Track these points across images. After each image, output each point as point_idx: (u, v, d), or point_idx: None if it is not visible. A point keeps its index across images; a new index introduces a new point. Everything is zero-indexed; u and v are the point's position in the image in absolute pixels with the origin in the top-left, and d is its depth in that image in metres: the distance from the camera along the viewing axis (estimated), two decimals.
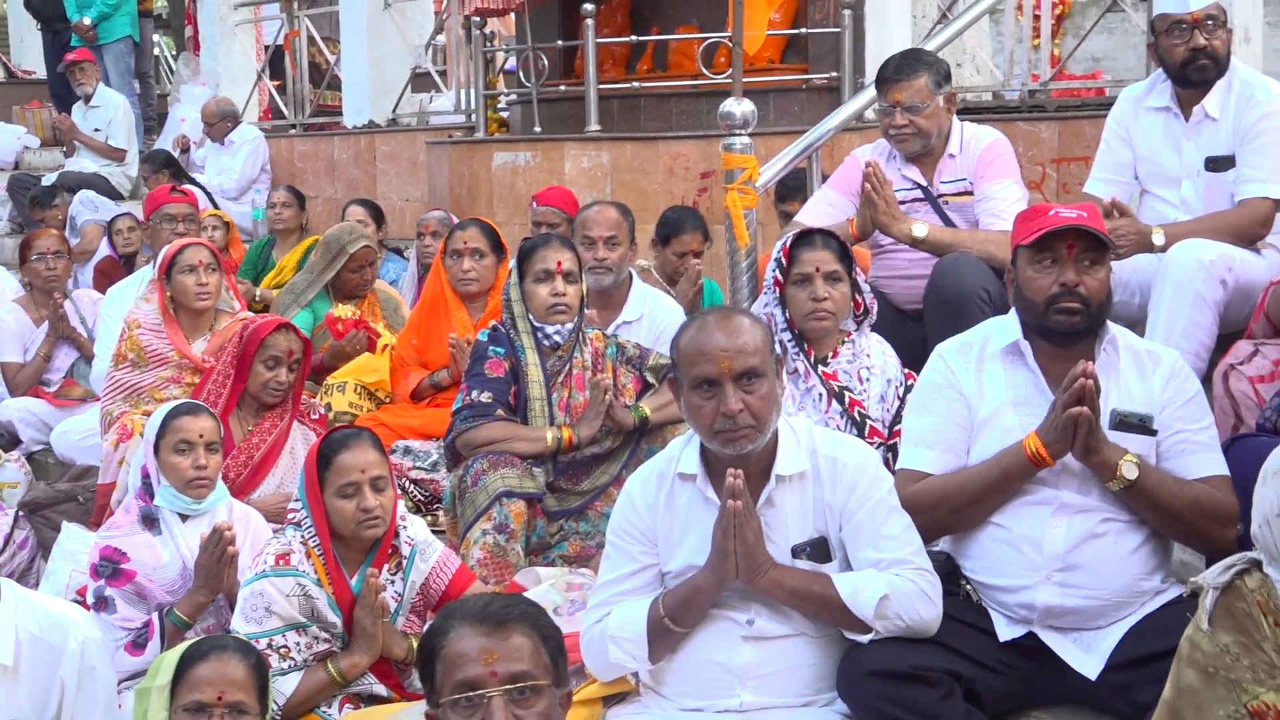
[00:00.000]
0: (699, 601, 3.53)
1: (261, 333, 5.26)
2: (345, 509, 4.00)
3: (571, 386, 5.02)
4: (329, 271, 6.77)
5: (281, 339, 5.28)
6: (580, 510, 4.99)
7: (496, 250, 6.10)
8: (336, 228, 7.11)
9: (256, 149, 11.13)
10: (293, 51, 12.06)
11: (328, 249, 6.84)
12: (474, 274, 6.05)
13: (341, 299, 6.80)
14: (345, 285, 6.79)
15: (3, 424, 7.27)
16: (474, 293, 6.07)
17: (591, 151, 7.93)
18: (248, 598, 4.01)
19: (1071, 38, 10.47)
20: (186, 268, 5.86)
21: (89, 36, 12.13)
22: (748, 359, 3.49)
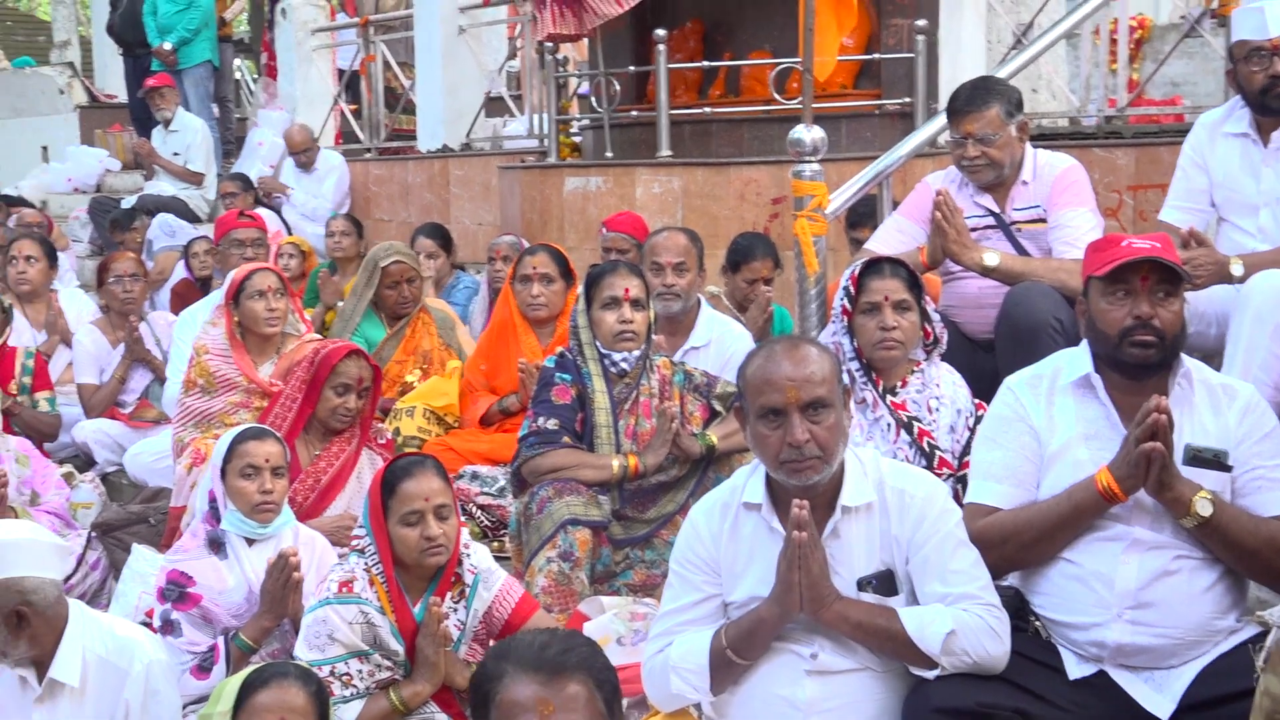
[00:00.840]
0: (762, 633, 3.49)
1: (333, 359, 5.28)
2: (409, 537, 4.00)
3: (638, 414, 5.00)
4: (369, 290, 6.81)
5: (353, 366, 5.31)
6: (646, 539, 4.96)
7: (565, 276, 6.10)
8: (375, 247, 7.15)
9: (342, 175, 11.26)
10: (368, 76, 12.16)
11: (365, 268, 6.91)
12: (542, 299, 6.05)
13: (388, 318, 6.82)
14: (385, 303, 6.81)
15: (78, 445, 7.35)
16: (543, 318, 6.08)
17: (663, 177, 7.92)
18: (311, 625, 4.01)
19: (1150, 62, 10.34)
20: (255, 293, 5.91)
21: (169, 61, 12.28)
22: (815, 389, 3.45)
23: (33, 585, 3.92)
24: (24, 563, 3.93)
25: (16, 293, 7.99)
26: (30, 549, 3.98)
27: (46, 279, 8.15)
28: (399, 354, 6.80)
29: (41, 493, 6.22)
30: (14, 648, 3.91)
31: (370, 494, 4.09)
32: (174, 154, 11.71)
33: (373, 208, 11.40)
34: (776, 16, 8.19)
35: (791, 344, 3.57)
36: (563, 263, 6.13)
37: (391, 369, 6.71)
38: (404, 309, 6.79)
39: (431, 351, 6.77)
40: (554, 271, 6.09)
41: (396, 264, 6.79)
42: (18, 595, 3.88)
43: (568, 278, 6.12)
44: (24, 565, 3.93)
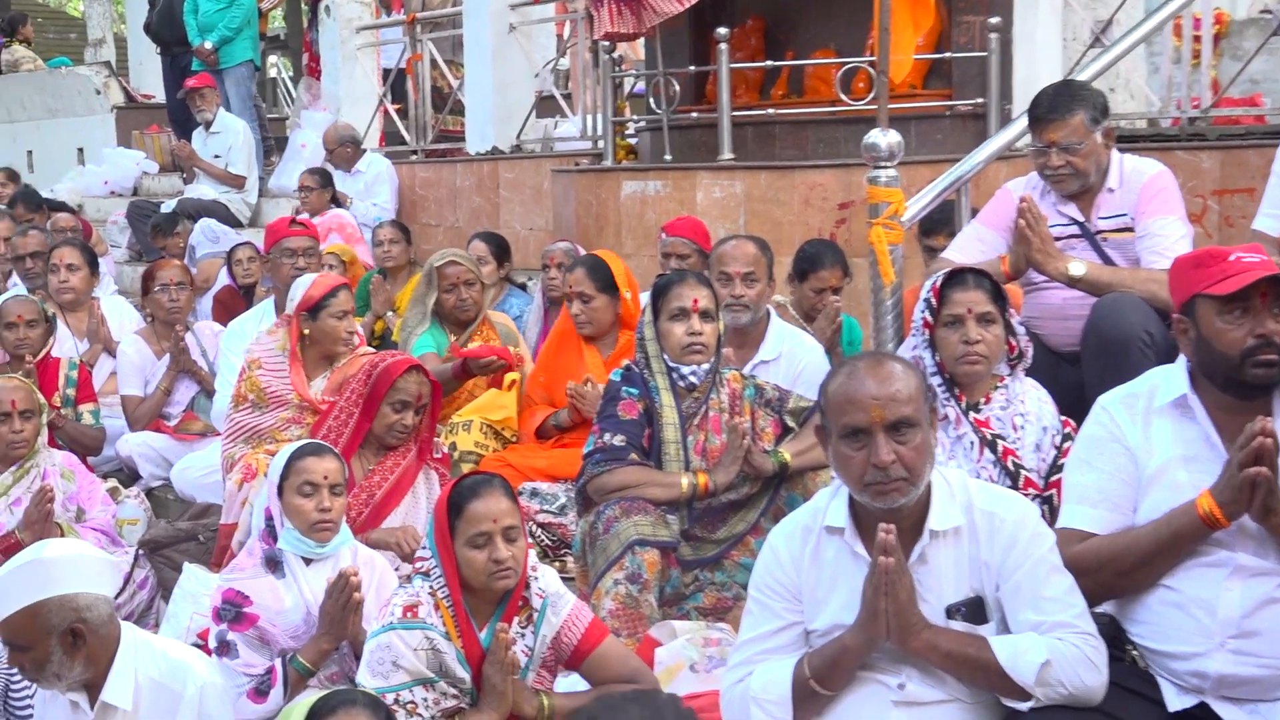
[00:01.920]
0: (847, 663, 3.48)
1: (393, 374, 5.31)
2: (476, 560, 4.00)
3: (708, 430, 5.00)
4: (430, 295, 6.84)
5: (412, 382, 5.34)
6: (716, 560, 4.97)
7: (608, 289, 6.11)
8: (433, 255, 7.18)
9: (393, 178, 11.28)
10: (414, 75, 12.20)
11: (424, 273, 6.93)
12: (583, 317, 6.12)
13: (453, 327, 6.83)
14: (444, 308, 6.84)
15: (122, 459, 7.39)
16: (590, 335, 6.11)
17: (724, 181, 7.91)
18: (374, 650, 4.01)
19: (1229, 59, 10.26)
20: (340, 312, 5.99)
21: (210, 61, 12.36)
22: (900, 408, 3.44)
23: (87, 602, 3.96)
24: (77, 579, 3.97)
25: (59, 302, 8.05)
26: (83, 564, 4.02)
27: (89, 286, 8.22)
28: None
29: (87, 509, 6.26)
30: (69, 669, 3.94)
31: (436, 514, 4.10)
32: (214, 156, 11.79)
33: (419, 212, 11.44)
34: (841, 14, 8.18)
35: (876, 360, 3.56)
36: (602, 276, 6.14)
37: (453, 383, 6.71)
38: (465, 314, 6.79)
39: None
40: (591, 288, 6.12)
41: (453, 265, 6.81)
42: (73, 613, 3.91)
43: (611, 290, 6.12)
44: (77, 581, 3.97)
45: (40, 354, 7.10)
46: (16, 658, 3.98)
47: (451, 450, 6.05)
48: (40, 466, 6.16)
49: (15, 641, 3.93)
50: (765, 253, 5.84)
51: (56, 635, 3.91)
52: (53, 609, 3.89)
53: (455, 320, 6.81)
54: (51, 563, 3.96)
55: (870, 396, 3.45)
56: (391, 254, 8.99)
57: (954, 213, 6.13)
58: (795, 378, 5.58)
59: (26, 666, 3.96)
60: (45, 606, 3.89)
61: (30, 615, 3.88)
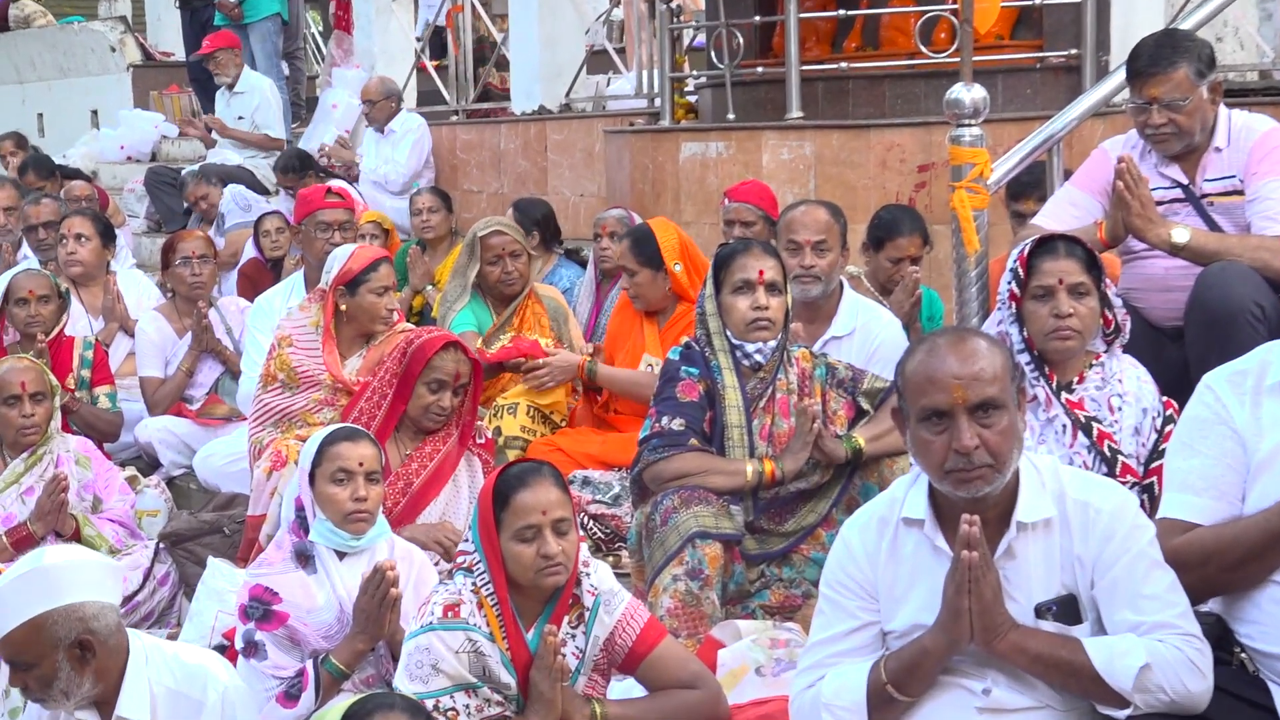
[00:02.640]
0: (927, 666, 3.48)
1: (427, 352, 5.32)
2: (524, 555, 4.01)
3: (774, 412, 5.01)
4: (472, 268, 6.86)
5: (449, 360, 5.35)
6: (784, 554, 4.98)
7: (651, 263, 6.15)
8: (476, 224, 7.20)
9: (421, 139, 11.29)
10: (455, 29, 12.21)
11: (466, 244, 6.95)
12: (632, 290, 6.23)
13: (496, 302, 6.86)
14: (487, 281, 6.86)
15: (141, 445, 7.47)
16: (642, 310, 6.14)
17: (793, 141, 7.89)
18: (412, 653, 4.03)
19: None
20: (381, 288, 6.01)
21: (234, 15, 12.42)
22: (985, 388, 3.44)
23: (94, 611, 3.94)
24: (81, 586, 3.96)
25: (69, 275, 8.13)
26: (86, 570, 4.02)
27: (100, 259, 8.29)
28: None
29: (104, 498, 6.33)
30: (78, 685, 3.92)
31: (480, 506, 4.11)
32: (238, 118, 11.85)
33: (460, 177, 11.47)
34: None
35: (958, 337, 3.55)
36: (646, 250, 6.17)
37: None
38: (509, 287, 6.82)
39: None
40: (633, 262, 6.17)
41: (497, 235, 6.84)
42: (79, 623, 3.90)
43: (655, 264, 6.15)
44: (81, 589, 3.96)
45: (53, 332, 7.14)
46: (19, 677, 3.94)
47: (496, 435, 6.08)
48: (54, 453, 6.23)
49: (18, 659, 3.91)
50: (837, 219, 5.84)
51: (63, 649, 3.89)
52: (58, 620, 3.87)
53: (499, 295, 6.84)
54: (53, 570, 3.93)
55: (952, 375, 3.44)
56: (430, 224, 9.03)
57: (1045, 175, 6.09)
58: (870, 355, 5.57)
59: (31, 686, 3.93)
60: (50, 618, 3.86)
61: (34, 629, 3.86)
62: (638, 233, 6.31)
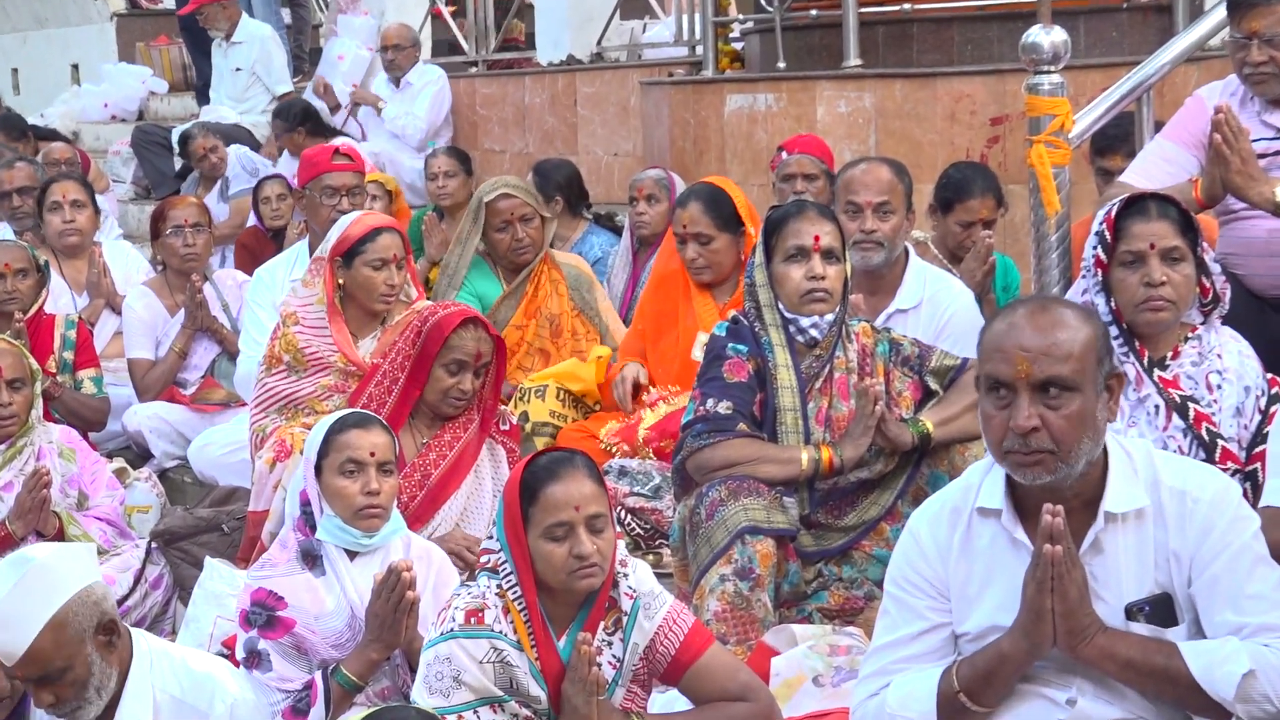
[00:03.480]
0: (1005, 673, 3.48)
1: (444, 329, 5.31)
2: (554, 555, 4.00)
3: (832, 394, 5.00)
4: (475, 235, 6.87)
5: (469, 339, 5.33)
6: (843, 551, 4.98)
7: (729, 226, 6.09)
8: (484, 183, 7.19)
9: (441, 91, 11.30)
10: None
11: (469, 209, 6.94)
12: (701, 262, 6.10)
13: (507, 271, 6.85)
14: (498, 250, 6.85)
15: (130, 434, 7.50)
16: (707, 281, 6.11)
17: (851, 92, 7.89)
18: (432, 663, 4.03)
19: None
20: (378, 261, 5.92)
21: None
22: (1054, 365, 3.42)
23: (101, 593, 4.06)
24: (79, 570, 4.04)
25: (59, 247, 8.15)
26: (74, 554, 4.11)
27: (95, 229, 8.32)
28: (519, 316, 6.86)
29: (90, 494, 6.32)
30: (109, 676, 4.01)
31: (505, 500, 4.11)
32: (236, 69, 11.86)
33: (481, 135, 11.49)
34: None
35: (1041, 306, 3.54)
36: (723, 211, 6.14)
37: (510, 334, 6.75)
38: (521, 256, 6.82)
39: (560, 317, 6.81)
40: (710, 226, 6.11)
41: (505, 199, 6.82)
42: (95, 607, 4.00)
43: (734, 226, 6.11)
44: (80, 572, 4.04)
45: (31, 310, 7.12)
46: (49, 691, 3.98)
47: (522, 421, 6.08)
48: (34, 445, 6.21)
49: (50, 668, 3.95)
50: (902, 179, 5.82)
51: (90, 639, 3.99)
52: (77, 610, 3.97)
53: (511, 264, 6.83)
54: (48, 564, 4.01)
55: (1019, 346, 3.44)
56: (447, 189, 9.02)
57: (1133, 127, 6.07)
58: (939, 330, 5.56)
59: (66, 695, 3.99)
60: (69, 611, 3.95)
61: (58, 628, 3.93)
62: (710, 192, 6.24)
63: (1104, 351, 3.52)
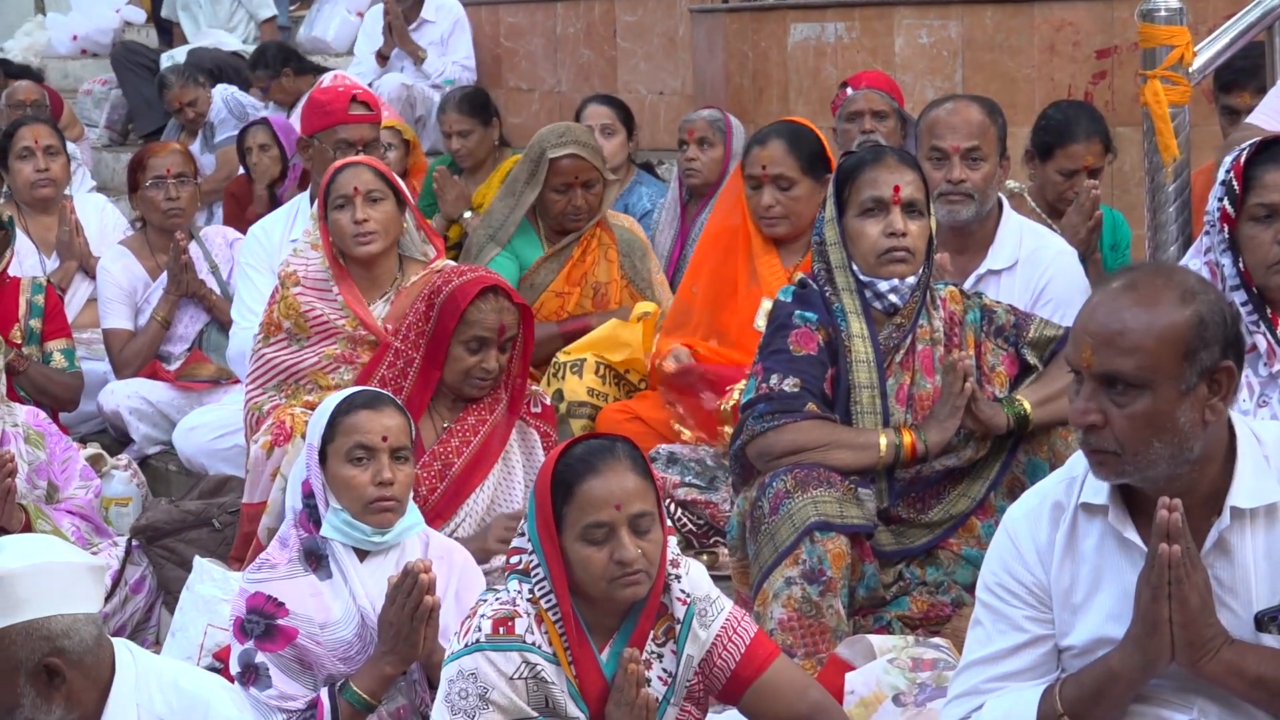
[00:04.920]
0: (1115, 693, 3.49)
1: (460, 302, 5.31)
2: (593, 560, 3.99)
3: (915, 368, 5.00)
4: (531, 189, 6.84)
5: (489, 311, 5.34)
6: (928, 550, 4.98)
7: (813, 170, 6.06)
8: (544, 129, 7.16)
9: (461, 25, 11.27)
10: None
11: (528, 157, 6.89)
12: (778, 210, 6.06)
13: (553, 232, 6.85)
14: (549, 210, 6.85)
15: (107, 415, 7.53)
16: (782, 235, 6.08)
17: (933, 20, 7.88)
18: (455, 679, 4.02)
19: None
20: (340, 199, 5.94)
21: None
22: (1116, 358, 3.39)
23: (62, 627, 3.98)
24: (46, 597, 4.00)
25: (28, 200, 8.20)
26: (54, 576, 4.03)
27: (67, 179, 8.34)
28: (560, 282, 6.85)
29: (61, 485, 6.35)
30: (46, 714, 3.99)
31: (537, 496, 4.09)
32: None
33: (506, 72, 11.49)
34: None
35: (1131, 283, 3.48)
36: (810, 154, 6.11)
37: (549, 301, 6.79)
38: (574, 222, 6.82)
39: (608, 285, 6.79)
40: (794, 168, 6.07)
41: (573, 158, 6.80)
42: (44, 643, 3.93)
43: (816, 171, 6.09)
44: (46, 599, 3.99)
45: None
46: None
47: (556, 401, 6.09)
48: None
49: None
50: (994, 120, 5.80)
51: (25, 674, 3.95)
52: (16, 640, 3.87)
53: (560, 228, 6.83)
54: (11, 579, 3.97)
55: (1086, 330, 3.44)
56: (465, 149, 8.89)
57: (1263, 59, 6.05)
58: (1037, 295, 5.56)
59: None
60: (6, 637, 3.88)
61: None
62: (791, 130, 6.22)
63: (1206, 341, 3.41)
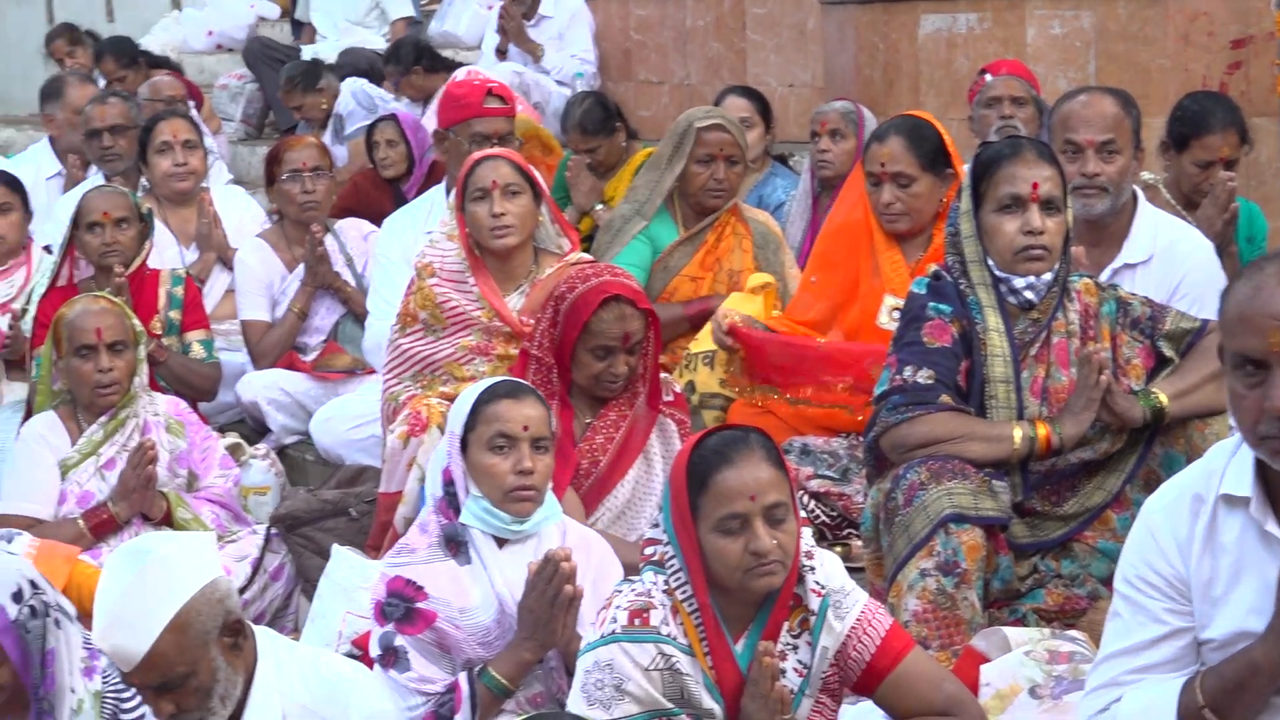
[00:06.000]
0: (1257, 686, 3.46)
1: (582, 313, 5.29)
2: (728, 551, 4.00)
3: (1050, 361, 4.98)
4: (676, 163, 6.85)
5: (611, 321, 5.31)
6: (1063, 543, 4.97)
7: (934, 166, 6.04)
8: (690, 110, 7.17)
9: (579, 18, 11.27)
10: None
11: (673, 133, 6.90)
12: (898, 207, 6.03)
13: (690, 213, 6.86)
14: (690, 186, 6.85)
15: (245, 406, 7.61)
16: (903, 231, 6.06)
17: (1066, 11, 7.83)
18: (591, 670, 4.05)
19: None
20: (477, 192, 6.00)
21: None
22: None
23: (226, 587, 4.08)
24: (199, 564, 4.07)
25: (167, 194, 8.26)
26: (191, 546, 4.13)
27: (204, 173, 8.43)
28: (694, 266, 6.87)
29: (201, 474, 6.45)
30: (234, 683, 4.04)
31: (672, 487, 4.10)
32: None
33: (635, 65, 11.49)
34: None
35: None
36: (928, 148, 6.09)
37: (683, 286, 6.82)
38: (714, 199, 6.82)
39: (742, 274, 6.77)
40: (913, 164, 6.04)
41: (718, 130, 6.82)
42: (219, 605, 4.00)
43: (937, 167, 6.07)
44: (201, 567, 4.06)
45: (134, 264, 7.21)
46: (170, 700, 3.99)
47: (688, 392, 6.08)
48: (138, 417, 6.34)
49: (172, 674, 3.97)
50: (1129, 112, 5.76)
51: (214, 641, 4.00)
52: (200, 609, 3.97)
53: (698, 205, 6.84)
54: (168, 555, 4.02)
55: (1269, 316, 3.40)
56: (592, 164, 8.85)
57: None
58: (1174, 287, 5.52)
59: (191, 705, 3.99)
60: (191, 610, 3.96)
61: (179, 629, 3.94)
62: (912, 126, 6.17)
63: None
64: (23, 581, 4.38)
